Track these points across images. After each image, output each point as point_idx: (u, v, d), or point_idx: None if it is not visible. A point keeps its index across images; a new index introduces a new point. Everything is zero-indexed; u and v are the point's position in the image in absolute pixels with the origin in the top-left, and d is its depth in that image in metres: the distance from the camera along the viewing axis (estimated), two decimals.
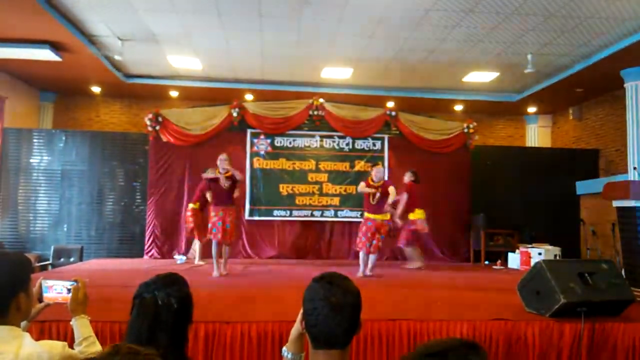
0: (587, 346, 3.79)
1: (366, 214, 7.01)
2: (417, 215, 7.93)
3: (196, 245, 8.22)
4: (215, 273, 6.54)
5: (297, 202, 9.43)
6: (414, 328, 3.77)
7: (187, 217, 8.16)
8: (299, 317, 1.69)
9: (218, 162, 6.70)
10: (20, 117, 9.87)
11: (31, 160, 9.24)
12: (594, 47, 7.84)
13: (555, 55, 8.28)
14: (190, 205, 8.07)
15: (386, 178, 9.62)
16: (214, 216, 6.67)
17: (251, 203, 9.33)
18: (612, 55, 7.79)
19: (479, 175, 10.01)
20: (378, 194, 6.76)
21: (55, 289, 2.12)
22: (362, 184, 7.00)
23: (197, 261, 8.04)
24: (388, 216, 6.98)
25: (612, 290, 3.94)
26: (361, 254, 6.91)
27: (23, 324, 1.92)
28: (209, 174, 6.85)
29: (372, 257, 6.89)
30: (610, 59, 7.91)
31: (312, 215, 9.41)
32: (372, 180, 6.88)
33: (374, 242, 6.77)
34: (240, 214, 8.81)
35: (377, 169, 7.05)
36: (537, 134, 12.11)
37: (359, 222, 9.55)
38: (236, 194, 6.91)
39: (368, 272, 6.83)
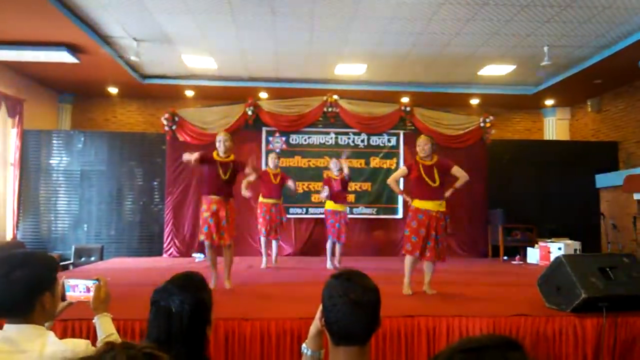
0: (610, 341, 3.74)
1: (416, 203, 5.16)
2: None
3: None
4: (225, 285, 5.38)
5: (312, 199, 9.45)
6: (433, 324, 3.76)
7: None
8: (318, 313, 1.70)
9: (217, 144, 5.45)
10: (39, 119, 10.02)
11: (51, 161, 9.38)
12: (612, 37, 7.70)
13: (572, 47, 8.15)
14: None
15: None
16: (205, 210, 5.36)
17: None
18: (630, 45, 7.64)
19: (497, 169, 9.92)
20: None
21: (78, 288, 2.16)
22: (403, 168, 5.54)
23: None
24: (444, 205, 5.22)
25: (634, 285, 3.88)
26: (409, 261, 5.14)
27: (47, 322, 1.95)
28: (191, 156, 5.26)
29: (427, 267, 5.14)
30: (629, 49, 7.77)
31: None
32: (421, 158, 5.29)
33: (429, 243, 4.99)
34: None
35: (423, 140, 5.40)
36: (555, 127, 11.95)
37: (375, 219, 9.63)
38: (251, 177, 5.71)
39: (428, 290, 5.11)
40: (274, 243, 7.75)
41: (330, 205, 7.39)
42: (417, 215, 5.09)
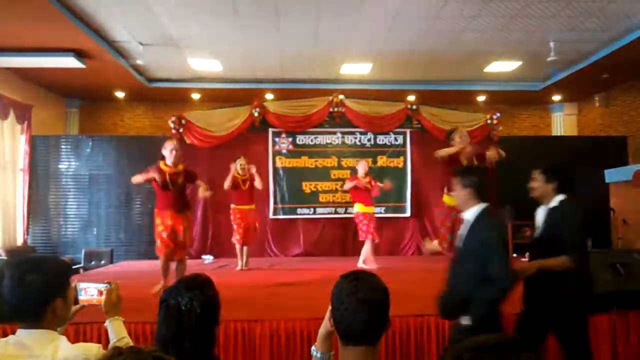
0: (621, 338, 3.72)
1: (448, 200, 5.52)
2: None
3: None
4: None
5: (320, 199, 9.45)
6: (443, 324, 3.76)
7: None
8: (327, 314, 1.70)
9: (166, 153, 5.34)
10: (47, 124, 10.09)
11: (60, 166, 9.45)
12: (619, 31, 7.64)
13: (579, 42, 8.10)
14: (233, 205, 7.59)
15: (409, 173, 9.63)
16: (159, 224, 5.29)
17: (275, 202, 9.38)
18: (638, 39, 7.57)
19: (504, 166, 9.85)
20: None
21: (89, 291, 2.17)
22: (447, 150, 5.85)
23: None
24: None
25: None
26: None
27: (60, 327, 1.96)
28: (140, 177, 5.33)
29: None
30: (636, 43, 7.69)
31: (335, 212, 9.42)
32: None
33: (450, 237, 5.41)
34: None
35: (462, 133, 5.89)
36: (562, 123, 11.87)
37: (384, 218, 9.59)
38: (206, 193, 5.70)
39: None
40: (245, 248, 7.56)
41: (361, 208, 7.43)
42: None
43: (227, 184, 7.28)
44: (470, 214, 3.00)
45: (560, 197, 3.36)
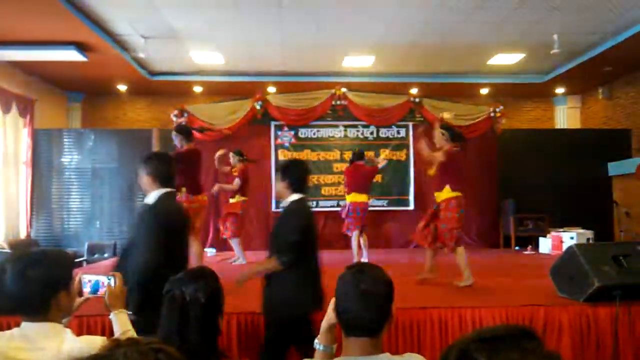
0: (624, 330, 3.72)
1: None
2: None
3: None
4: None
5: (323, 192, 9.46)
6: (445, 316, 3.76)
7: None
8: (330, 306, 1.71)
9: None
10: (50, 118, 10.10)
11: (62, 160, 9.46)
12: (623, 23, 7.59)
13: (582, 34, 8.05)
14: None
15: (412, 166, 9.62)
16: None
17: (277, 195, 9.38)
18: None
19: (507, 159, 9.85)
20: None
21: (93, 284, 2.18)
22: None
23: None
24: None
25: None
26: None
27: (64, 319, 1.97)
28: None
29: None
30: None
31: (338, 205, 9.40)
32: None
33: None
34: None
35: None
36: (565, 116, 11.83)
37: (386, 211, 9.61)
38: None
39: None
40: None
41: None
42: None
43: (238, 180, 7.04)
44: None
45: (293, 197, 3.21)
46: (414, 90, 10.33)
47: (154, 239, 2.76)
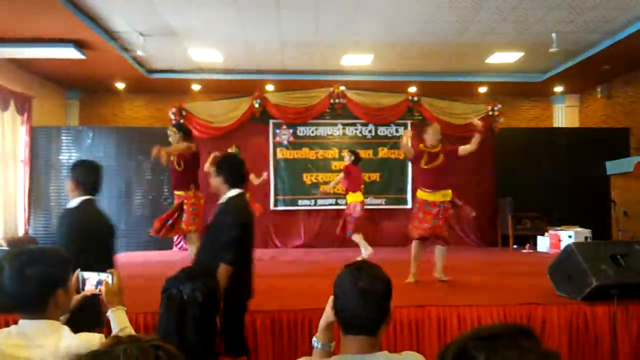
0: (621, 329, 3.73)
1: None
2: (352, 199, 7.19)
3: None
4: None
5: (321, 190, 9.45)
6: (443, 314, 3.77)
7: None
8: (328, 305, 1.71)
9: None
10: (48, 115, 10.08)
11: (60, 157, 9.44)
12: (621, 23, 7.59)
13: (581, 33, 8.05)
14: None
15: (410, 165, 9.61)
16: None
17: (276, 193, 9.38)
18: None
19: (506, 158, 9.86)
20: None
21: (91, 281, 2.18)
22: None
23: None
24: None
25: None
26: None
27: (62, 316, 1.97)
28: None
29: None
30: (639, 34, 7.66)
31: (336, 203, 9.42)
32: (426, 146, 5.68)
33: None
34: None
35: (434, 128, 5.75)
36: (564, 115, 11.83)
37: (384, 209, 9.61)
38: None
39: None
40: None
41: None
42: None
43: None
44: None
45: (232, 193, 3.11)
46: (412, 89, 10.32)
47: (70, 241, 2.83)
